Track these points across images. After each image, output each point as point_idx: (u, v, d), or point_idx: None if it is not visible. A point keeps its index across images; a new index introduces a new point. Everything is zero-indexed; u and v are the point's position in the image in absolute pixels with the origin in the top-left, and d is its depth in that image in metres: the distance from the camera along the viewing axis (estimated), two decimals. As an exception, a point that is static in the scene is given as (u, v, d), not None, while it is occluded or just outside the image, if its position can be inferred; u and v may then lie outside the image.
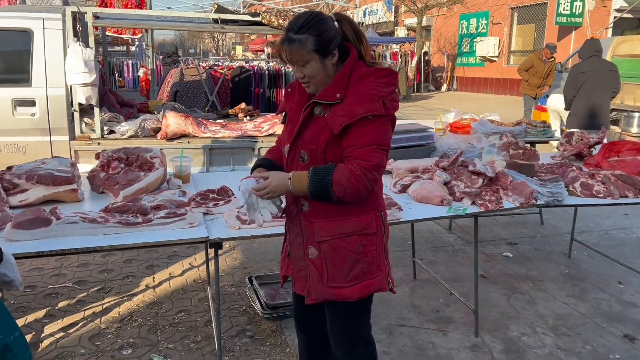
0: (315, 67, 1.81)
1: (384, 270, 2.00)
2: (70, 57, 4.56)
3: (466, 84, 23.32)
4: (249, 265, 4.22)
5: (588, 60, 6.22)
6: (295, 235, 2.00)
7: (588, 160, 3.90)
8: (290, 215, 2.01)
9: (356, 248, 1.91)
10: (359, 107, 1.78)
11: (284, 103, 2.07)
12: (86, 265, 4.12)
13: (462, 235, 5.01)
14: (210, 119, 5.67)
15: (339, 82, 1.83)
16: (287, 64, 1.87)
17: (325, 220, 1.91)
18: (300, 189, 1.83)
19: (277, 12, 5.18)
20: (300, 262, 2.00)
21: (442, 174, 3.06)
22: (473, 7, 21.70)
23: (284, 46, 1.80)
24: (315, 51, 1.79)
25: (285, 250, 2.13)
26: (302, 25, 1.79)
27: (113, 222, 2.37)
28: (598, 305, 3.66)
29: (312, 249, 1.94)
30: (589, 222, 5.43)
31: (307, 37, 1.77)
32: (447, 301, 3.65)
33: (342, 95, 1.81)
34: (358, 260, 1.92)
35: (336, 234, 1.90)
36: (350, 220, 1.90)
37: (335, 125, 1.79)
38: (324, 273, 1.94)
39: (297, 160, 1.93)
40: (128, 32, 8.67)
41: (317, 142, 1.85)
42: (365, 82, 1.82)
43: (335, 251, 1.91)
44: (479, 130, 4.67)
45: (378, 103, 1.79)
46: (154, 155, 3.05)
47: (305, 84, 1.88)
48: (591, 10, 17.41)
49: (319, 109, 1.87)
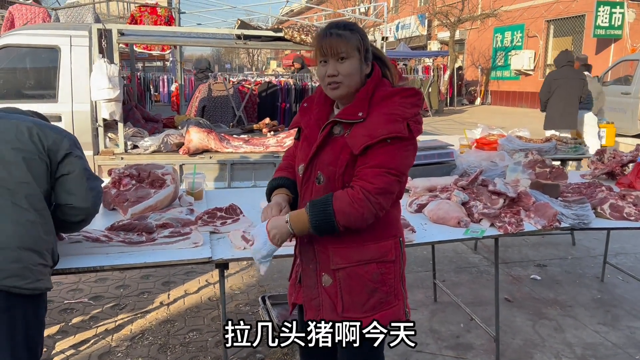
0: (355, 65, 1.72)
1: (401, 300, 1.87)
2: (95, 73, 4.63)
3: (500, 98, 22.89)
4: (265, 283, 4.15)
5: (561, 69, 7.25)
6: (307, 261, 1.87)
7: (620, 179, 3.69)
8: (302, 239, 1.86)
9: (374, 277, 1.79)
10: (382, 128, 1.67)
11: (298, 118, 1.95)
12: (104, 280, 4.13)
13: (488, 255, 4.82)
14: (234, 134, 5.67)
15: (361, 100, 1.74)
16: (324, 56, 1.73)
17: (341, 246, 1.78)
18: (302, 228, 1.72)
19: (299, 28, 5.16)
20: (313, 291, 1.87)
21: (460, 193, 2.93)
22: (507, 20, 21.35)
23: (328, 38, 1.72)
24: (358, 50, 1.72)
25: (295, 276, 2.01)
26: (347, 24, 1.76)
27: (116, 241, 2.34)
28: (632, 334, 3.43)
29: (326, 276, 1.82)
30: (625, 244, 5.16)
31: (353, 34, 1.73)
32: (468, 326, 3.49)
33: (365, 114, 1.71)
34: (376, 290, 1.80)
35: (354, 261, 1.78)
36: (369, 246, 1.78)
37: (356, 145, 1.69)
38: (338, 302, 1.81)
39: (312, 182, 1.81)
40: (157, 48, 8.82)
41: (337, 164, 1.74)
42: (390, 101, 1.73)
43: (352, 280, 1.79)
44: (506, 147, 4.51)
45: (402, 125, 1.68)
46: (166, 172, 3.02)
47: (334, 84, 1.74)
48: (631, 22, 16.87)
49: (339, 128, 1.76)
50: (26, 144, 1.92)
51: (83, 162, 2.05)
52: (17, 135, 1.92)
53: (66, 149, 1.99)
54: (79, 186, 2.02)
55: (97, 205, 2.12)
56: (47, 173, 1.96)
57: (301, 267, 1.92)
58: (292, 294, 2.02)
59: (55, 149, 1.97)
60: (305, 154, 1.84)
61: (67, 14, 7.09)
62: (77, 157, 2.03)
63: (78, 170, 2.01)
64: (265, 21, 16.56)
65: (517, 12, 21.03)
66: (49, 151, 1.96)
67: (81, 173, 2.02)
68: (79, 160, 2.03)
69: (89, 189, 2.04)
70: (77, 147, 2.06)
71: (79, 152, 2.06)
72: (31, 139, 1.93)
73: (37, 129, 1.97)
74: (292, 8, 29.82)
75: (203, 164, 5.02)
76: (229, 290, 3.99)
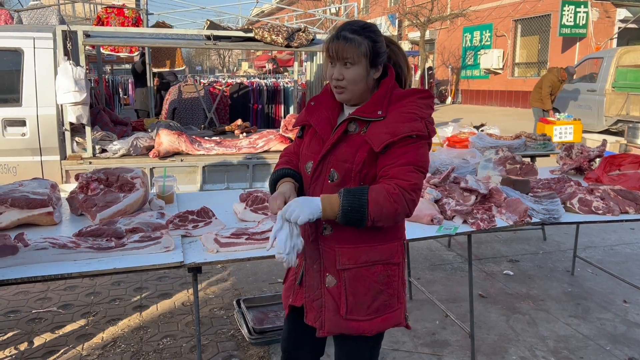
0: (360, 72, 1.72)
1: (403, 304, 1.86)
2: (61, 76, 4.51)
3: (471, 97, 23.23)
4: (240, 286, 4.11)
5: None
6: (312, 261, 1.84)
7: (588, 174, 3.77)
8: (308, 239, 1.82)
9: (380, 278, 1.77)
10: (403, 126, 1.67)
11: (304, 116, 1.90)
12: (73, 288, 4.02)
13: (461, 252, 4.87)
14: (205, 136, 5.60)
15: (380, 99, 1.74)
16: (331, 59, 1.73)
17: (349, 246, 1.76)
18: (329, 212, 1.65)
19: (270, 28, 5.13)
20: (315, 291, 1.83)
21: (432, 191, 2.95)
22: (476, 20, 21.67)
23: (337, 41, 1.70)
24: (366, 57, 1.71)
25: (292, 277, 1.96)
26: (361, 27, 1.73)
27: (84, 247, 2.27)
28: (602, 326, 3.50)
29: (330, 277, 1.79)
30: (594, 238, 5.28)
31: (363, 39, 1.70)
32: (444, 323, 3.51)
33: (384, 112, 1.72)
34: (381, 292, 1.78)
35: (361, 262, 1.76)
36: (376, 247, 1.77)
37: (377, 142, 1.68)
38: (342, 304, 1.78)
39: (323, 179, 1.77)
40: (125, 50, 8.66)
41: (353, 161, 1.72)
42: (407, 101, 1.74)
43: (358, 281, 1.76)
44: (477, 145, 4.56)
45: (422, 123, 1.70)
46: (135, 175, 2.95)
47: (339, 88, 1.75)
48: (595, 21, 17.31)
49: (354, 126, 1.75)
50: None
51: None
52: None
53: None
54: None
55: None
56: None
57: (304, 267, 1.88)
58: (288, 297, 1.97)
59: None
60: (315, 151, 1.81)
61: (31, 15, 6.88)
62: None
63: None
64: (236, 22, 16.46)
65: (486, 12, 21.37)
66: None
67: None
68: None
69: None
70: None
71: None
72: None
73: None
74: (262, 9, 29.70)
75: (174, 167, 4.95)
76: (203, 295, 3.93)
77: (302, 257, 1.87)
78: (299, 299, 1.90)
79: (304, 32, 5.29)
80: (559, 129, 7.75)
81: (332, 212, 1.65)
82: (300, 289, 1.89)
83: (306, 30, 5.34)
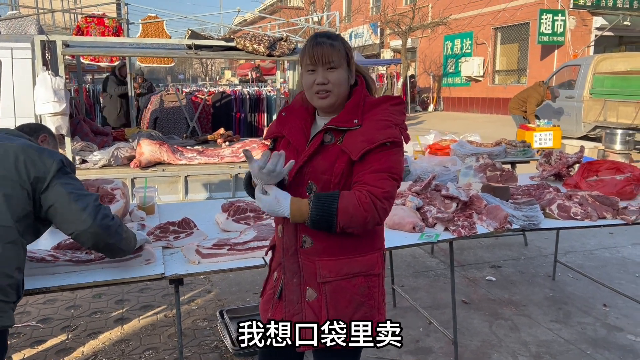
0: (343, 75, 1.74)
1: (383, 314, 1.85)
2: (39, 87, 4.45)
3: (452, 104, 23.45)
4: (223, 297, 4.08)
5: None
6: (291, 275, 1.80)
7: (567, 180, 3.82)
8: (287, 252, 1.80)
9: (361, 290, 1.76)
10: (379, 133, 1.68)
11: (275, 127, 1.89)
12: (53, 301, 3.95)
13: (444, 259, 4.90)
14: (188, 146, 5.57)
15: (354, 107, 1.74)
16: (313, 65, 1.72)
17: (329, 258, 1.74)
18: (298, 217, 1.65)
19: (251, 37, 5.13)
20: (296, 306, 1.80)
21: (414, 199, 2.97)
22: (457, 29, 21.94)
23: (319, 46, 1.71)
24: (345, 61, 1.75)
25: (271, 291, 1.92)
26: (333, 34, 1.79)
27: (63, 261, 2.24)
28: (583, 330, 3.55)
29: (311, 290, 1.77)
30: (574, 242, 5.35)
31: (340, 44, 1.75)
32: (427, 330, 3.52)
33: (360, 121, 1.72)
34: (362, 304, 1.76)
35: (342, 274, 1.74)
36: (356, 259, 1.75)
37: (354, 151, 1.67)
38: (322, 317, 1.75)
39: (301, 191, 1.75)
40: (105, 60, 8.59)
41: (332, 172, 1.71)
42: (380, 108, 1.75)
43: (339, 293, 1.74)
44: (458, 152, 4.60)
45: (396, 130, 1.71)
46: (115, 186, 2.93)
47: (324, 93, 1.73)
48: (572, 29, 17.63)
49: (329, 136, 1.74)
50: (9, 171, 1.83)
51: (67, 186, 1.92)
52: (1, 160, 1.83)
53: (52, 175, 1.89)
54: (69, 212, 1.91)
55: (100, 219, 1.95)
56: (28, 202, 1.87)
57: (283, 281, 1.84)
58: (267, 310, 1.92)
59: (42, 177, 1.88)
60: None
61: (9, 25, 6.79)
62: (59, 183, 1.91)
63: (62, 198, 1.90)
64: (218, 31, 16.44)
65: (466, 20, 21.64)
66: (35, 180, 1.87)
67: (66, 199, 1.90)
68: (61, 186, 1.91)
69: (80, 210, 1.91)
70: (63, 172, 1.94)
71: (65, 176, 1.94)
72: (16, 165, 1.85)
73: (24, 155, 1.87)
74: (245, 18, 29.72)
75: (155, 177, 4.90)
76: (185, 306, 3.89)
77: (280, 271, 1.85)
78: (278, 312, 1.86)
79: (286, 41, 5.31)
80: (539, 135, 7.85)
81: (301, 218, 1.65)
82: (280, 302, 1.85)
83: (288, 39, 5.35)
